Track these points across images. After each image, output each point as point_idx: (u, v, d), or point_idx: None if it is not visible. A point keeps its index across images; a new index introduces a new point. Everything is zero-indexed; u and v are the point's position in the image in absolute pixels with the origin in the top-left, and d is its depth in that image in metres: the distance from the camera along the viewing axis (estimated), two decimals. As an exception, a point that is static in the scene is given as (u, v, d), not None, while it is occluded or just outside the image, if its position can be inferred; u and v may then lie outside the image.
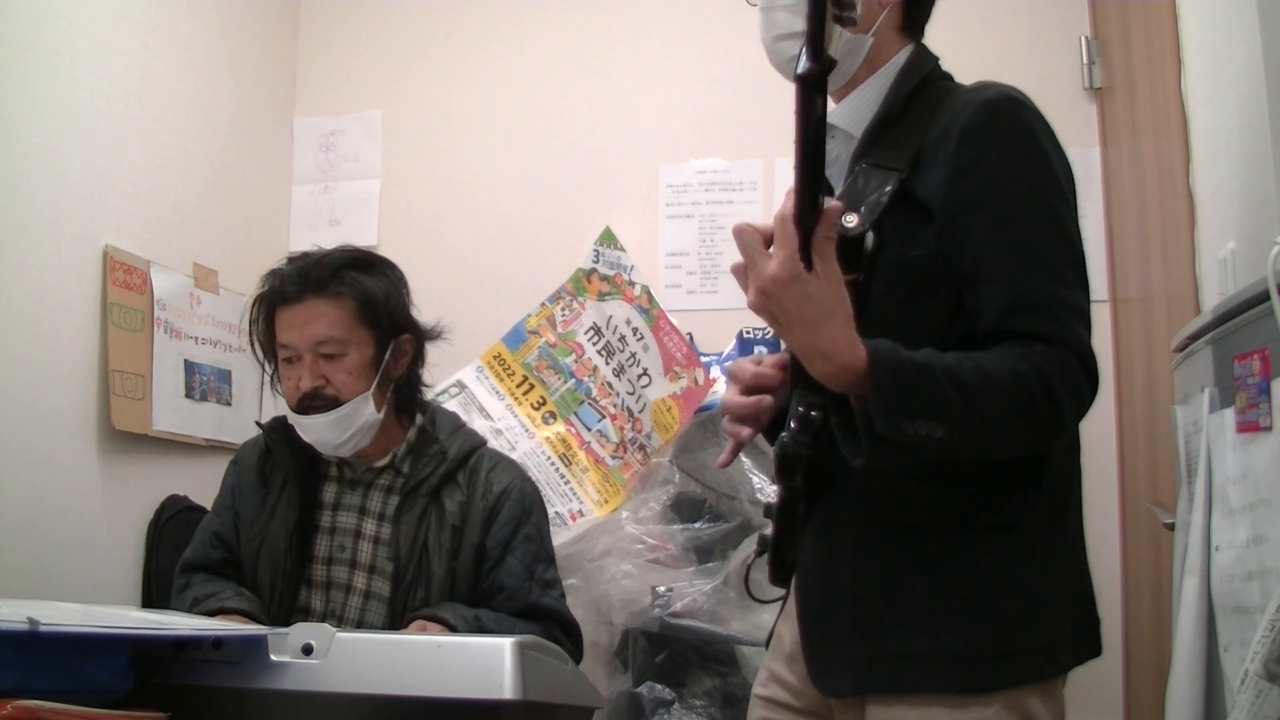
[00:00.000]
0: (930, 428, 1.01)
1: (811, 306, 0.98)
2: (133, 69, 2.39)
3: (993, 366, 1.04)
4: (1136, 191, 2.23)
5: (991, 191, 1.11)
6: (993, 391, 1.03)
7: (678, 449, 2.45)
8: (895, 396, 1.01)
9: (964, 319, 1.12)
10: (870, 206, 1.12)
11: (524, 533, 1.75)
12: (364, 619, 1.71)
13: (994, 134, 1.12)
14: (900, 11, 1.26)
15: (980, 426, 1.04)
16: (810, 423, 1.09)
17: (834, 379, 1.02)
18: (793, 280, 0.97)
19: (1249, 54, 1.34)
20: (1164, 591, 1.73)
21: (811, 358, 1.02)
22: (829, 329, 0.99)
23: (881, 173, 1.16)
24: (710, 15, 2.78)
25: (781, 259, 0.97)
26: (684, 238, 2.75)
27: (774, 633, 1.34)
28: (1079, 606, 1.18)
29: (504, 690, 1.14)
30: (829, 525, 1.20)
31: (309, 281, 1.71)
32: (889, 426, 1.01)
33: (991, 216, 1.10)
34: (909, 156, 1.16)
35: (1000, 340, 1.07)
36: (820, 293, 0.98)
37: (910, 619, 1.13)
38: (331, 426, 1.70)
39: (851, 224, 1.09)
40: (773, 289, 0.98)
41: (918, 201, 1.14)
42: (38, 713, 1.00)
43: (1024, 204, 1.11)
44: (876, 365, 1.00)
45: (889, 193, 1.13)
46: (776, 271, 0.97)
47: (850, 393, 1.04)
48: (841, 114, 1.27)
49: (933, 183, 1.13)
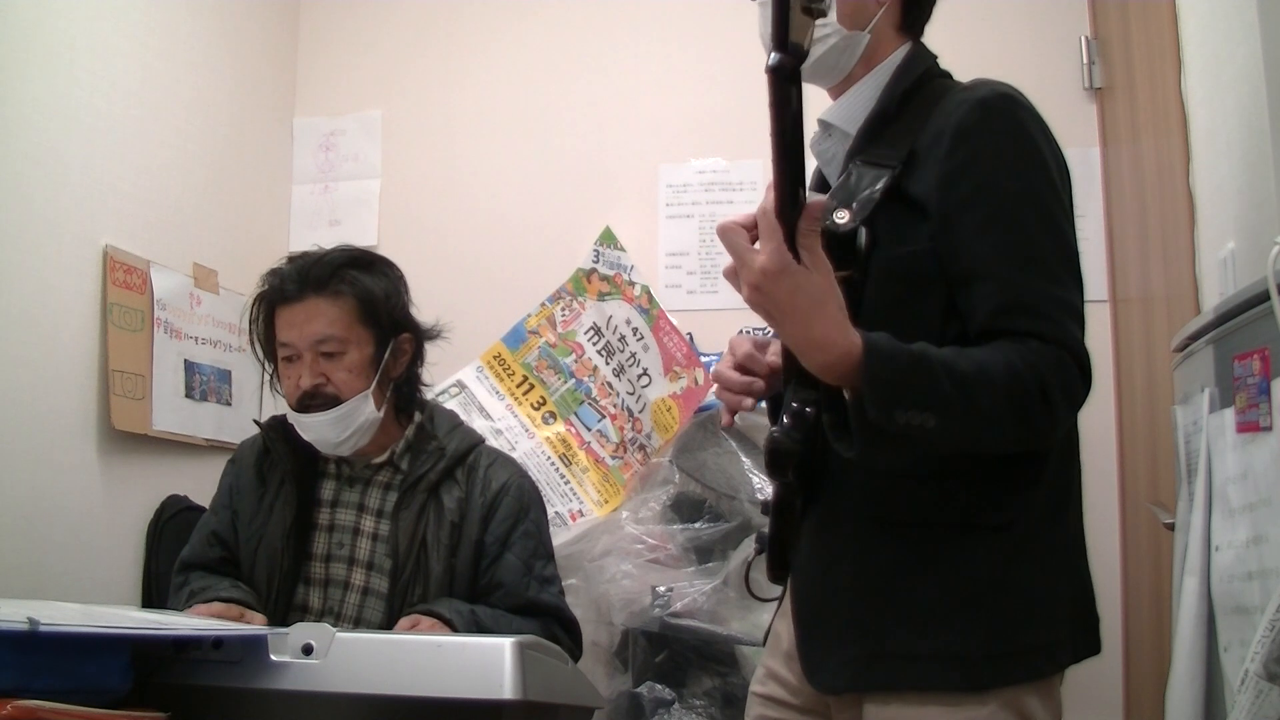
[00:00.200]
0: (923, 418, 1.01)
1: (803, 297, 0.98)
2: (133, 69, 2.39)
3: (988, 361, 1.04)
4: (1136, 191, 2.23)
5: (984, 190, 1.11)
6: (987, 385, 1.03)
7: (678, 449, 2.45)
8: (888, 384, 1.00)
9: (958, 319, 1.12)
10: (862, 203, 1.12)
11: (522, 529, 1.75)
12: (362, 616, 1.71)
13: (988, 132, 1.12)
14: (899, 10, 1.26)
15: (973, 419, 1.03)
16: (803, 418, 1.09)
17: (830, 369, 1.02)
18: (782, 272, 0.97)
19: (1249, 54, 1.34)
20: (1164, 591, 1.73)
21: (806, 349, 1.02)
22: (822, 319, 0.99)
23: (874, 170, 1.16)
24: (710, 15, 2.79)
25: (769, 252, 0.97)
26: (684, 238, 2.75)
27: (771, 631, 1.34)
28: (1078, 606, 1.18)
29: (504, 690, 1.14)
30: (827, 524, 1.20)
31: (309, 280, 1.71)
32: (881, 414, 1.01)
33: (984, 215, 1.10)
34: (903, 154, 1.15)
35: (993, 338, 1.07)
36: (810, 283, 0.98)
37: (908, 619, 1.13)
38: (331, 425, 1.70)
39: (843, 220, 1.09)
40: (764, 282, 0.98)
41: (911, 199, 1.14)
42: (38, 713, 1.00)
43: (1017, 203, 1.11)
44: (871, 353, 1.00)
45: (881, 189, 1.13)
46: (766, 264, 0.97)
47: (844, 385, 1.04)
48: (837, 111, 1.27)
49: (926, 181, 1.13)
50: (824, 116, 1.29)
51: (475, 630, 1.59)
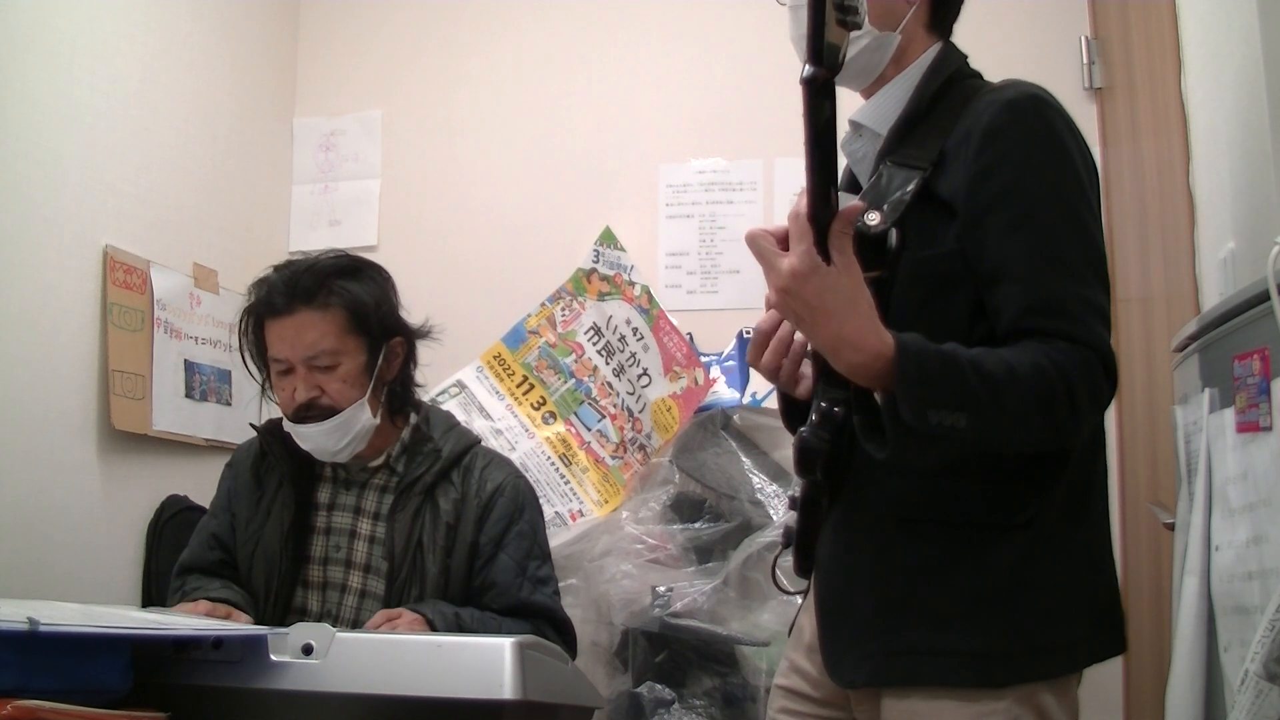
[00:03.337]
0: (955, 418, 1.02)
1: (834, 297, 0.98)
2: (133, 69, 2.39)
3: (1016, 361, 1.04)
4: (1136, 191, 2.23)
5: (1012, 191, 1.11)
6: (1016, 385, 1.03)
7: (678, 449, 2.45)
8: (921, 385, 1.01)
9: (985, 320, 1.12)
10: (893, 205, 1.13)
11: (516, 529, 1.75)
12: (359, 618, 1.71)
13: (1016, 133, 1.12)
14: (928, 9, 1.27)
15: (1002, 419, 1.04)
16: (831, 418, 1.10)
17: (862, 369, 1.02)
18: (812, 273, 0.97)
19: (1249, 54, 1.34)
20: (1164, 591, 1.73)
21: (838, 349, 1.02)
22: (854, 318, 1.00)
23: (905, 171, 1.16)
24: (710, 15, 2.78)
25: (799, 253, 0.98)
26: (684, 238, 2.75)
27: (795, 624, 1.36)
28: (1100, 605, 1.18)
29: (504, 690, 1.14)
30: (849, 521, 1.21)
31: (297, 292, 1.69)
32: (914, 415, 1.01)
33: (1012, 216, 1.10)
34: (933, 155, 1.16)
35: (1020, 339, 1.08)
36: (841, 284, 0.98)
37: (927, 616, 1.13)
38: (328, 435, 1.70)
39: (874, 222, 1.10)
40: (793, 284, 0.98)
41: (940, 200, 1.14)
42: (38, 713, 1.00)
43: (1044, 203, 1.11)
44: (904, 353, 1.01)
45: (912, 191, 1.13)
46: (795, 265, 0.98)
47: (875, 386, 1.04)
48: (868, 111, 1.27)
49: (955, 181, 1.13)
50: (855, 117, 1.29)
51: (457, 632, 1.59)
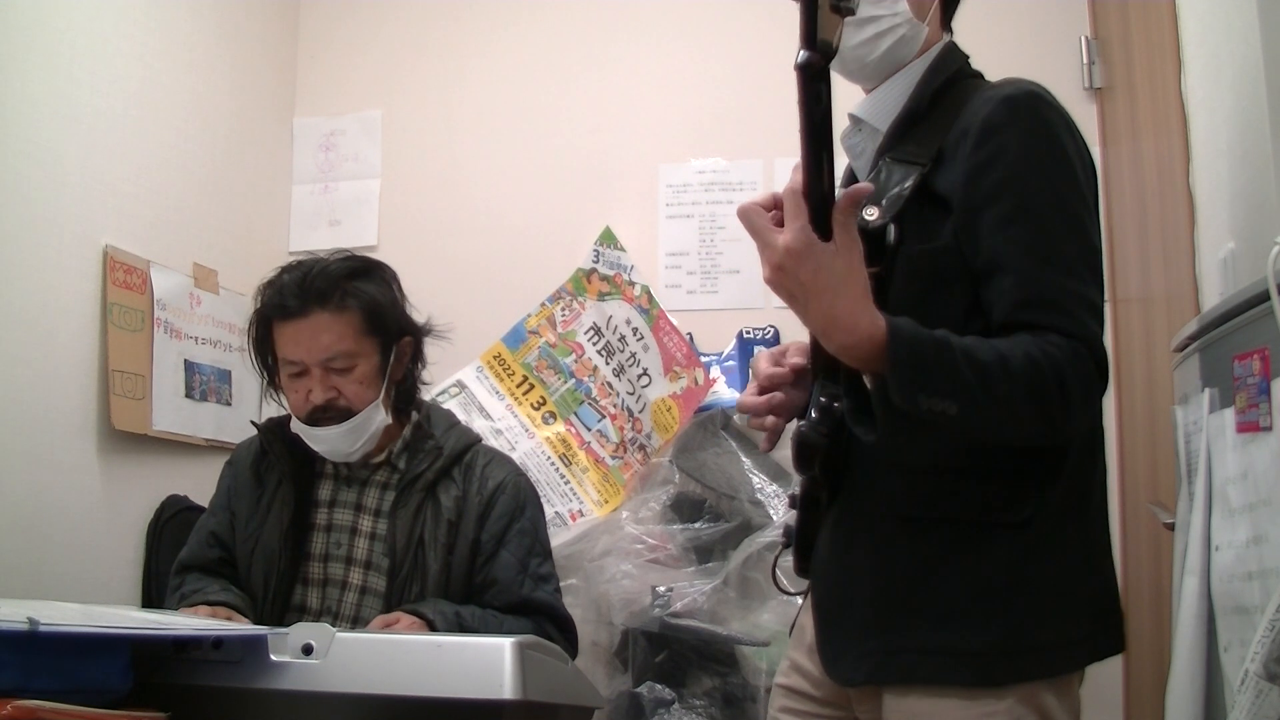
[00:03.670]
0: (945, 405, 1.02)
1: (827, 275, 0.98)
2: (133, 69, 2.39)
3: (1007, 351, 1.05)
4: (1136, 191, 2.22)
5: (1008, 187, 1.11)
6: (1007, 374, 1.03)
7: (678, 449, 2.45)
8: (913, 369, 1.01)
9: (980, 316, 1.12)
10: (891, 200, 1.13)
11: (517, 527, 1.75)
12: (360, 615, 1.71)
13: (1013, 130, 1.13)
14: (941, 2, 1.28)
15: (992, 408, 1.04)
16: (830, 413, 1.10)
17: (853, 351, 1.02)
18: (807, 250, 0.97)
19: (1249, 54, 1.34)
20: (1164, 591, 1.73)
21: (830, 329, 1.02)
22: (848, 298, 0.99)
23: (904, 167, 1.16)
24: (710, 15, 2.78)
25: (794, 231, 0.97)
26: (684, 238, 2.75)
27: (796, 623, 1.35)
28: (1099, 603, 1.18)
29: (504, 690, 1.14)
30: (847, 519, 1.21)
31: (311, 294, 1.68)
32: (905, 399, 1.01)
33: (1008, 210, 1.11)
34: (931, 152, 1.16)
35: (1013, 332, 1.08)
36: (835, 263, 0.98)
37: (926, 615, 1.13)
38: (344, 436, 1.70)
39: (872, 217, 1.09)
40: (787, 261, 0.98)
41: (937, 195, 1.14)
42: (38, 713, 1.00)
43: (1040, 199, 1.11)
44: (896, 337, 1.00)
45: (910, 187, 1.14)
46: (790, 243, 0.97)
47: (865, 368, 1.04)
48: (868, 107, 1.28)
49: (952, 177, 1.14)
50: (855, 111, 1.29)
51: (459, 631, 1.59)
